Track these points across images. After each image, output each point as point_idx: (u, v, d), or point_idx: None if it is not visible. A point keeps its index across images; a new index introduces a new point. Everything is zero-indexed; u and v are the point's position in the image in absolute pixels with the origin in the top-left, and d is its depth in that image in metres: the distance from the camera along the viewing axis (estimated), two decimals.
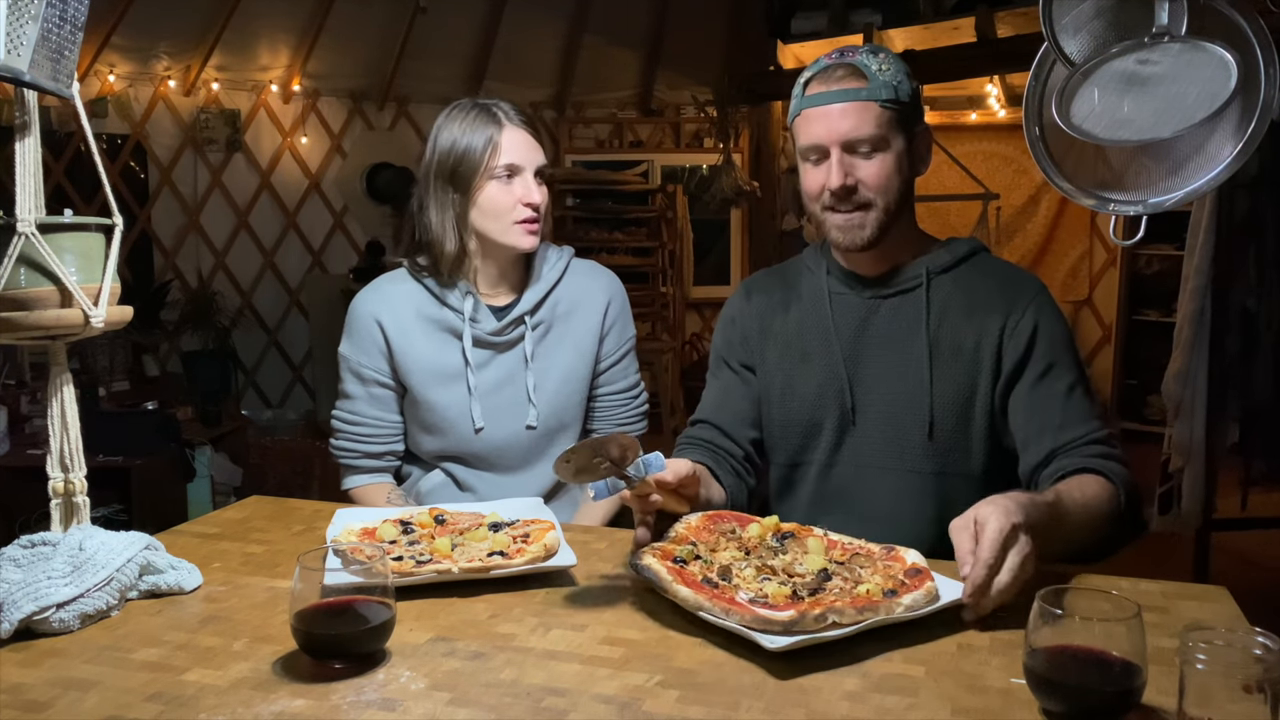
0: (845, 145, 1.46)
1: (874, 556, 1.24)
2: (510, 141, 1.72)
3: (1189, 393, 3.51)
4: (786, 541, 1.29)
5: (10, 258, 1.15)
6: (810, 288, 1.63)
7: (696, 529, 1.28)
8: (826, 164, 1.48)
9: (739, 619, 1.04)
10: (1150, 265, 6.06)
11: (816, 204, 1.52)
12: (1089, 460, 1.41)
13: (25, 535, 1.22)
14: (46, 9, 1.13)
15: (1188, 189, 1.20)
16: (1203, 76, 1.15)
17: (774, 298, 1.67)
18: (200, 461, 4.09)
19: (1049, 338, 1.49)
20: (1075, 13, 1.24)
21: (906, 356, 1.53)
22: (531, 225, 1.74)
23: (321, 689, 0.99)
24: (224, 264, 5.99)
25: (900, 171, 1.50)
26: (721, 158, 5.64)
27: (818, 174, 1.50)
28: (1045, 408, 1.47)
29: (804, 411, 1.59)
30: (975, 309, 1.52)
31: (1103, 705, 0.91)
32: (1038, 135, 1.27)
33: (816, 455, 1.59)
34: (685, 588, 1.11)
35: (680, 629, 1.10)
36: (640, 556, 1.19)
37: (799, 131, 1.52)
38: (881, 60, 1.47)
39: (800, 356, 1.61)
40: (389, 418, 1.83)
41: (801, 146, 1.51)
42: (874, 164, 1.47)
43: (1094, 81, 1.21)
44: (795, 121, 1.53)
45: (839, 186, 1.47)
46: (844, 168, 1.47)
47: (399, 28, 5.88)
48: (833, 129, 1.46)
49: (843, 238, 1.51)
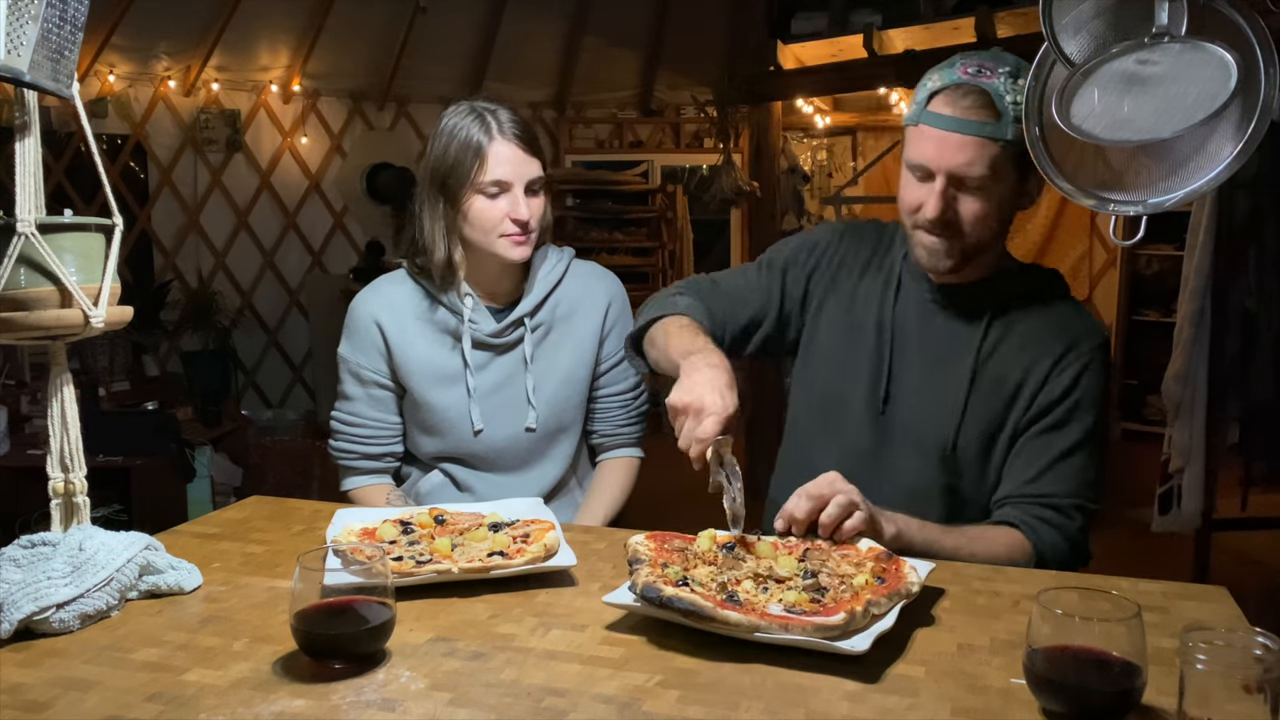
0: (953, 178, 1.40)
1: (827, 550, 1.25)
2: (497, 157, 1.68)
3: (1189, 393, 3.52)
4: (735, 550, 1.26)
5: (10, 258, 1.15)
6: (887, 264, 1.60)
7: (655, 549, 1.23)
8: (929, 187, 1.42)
9: (802, 632, 1.03)
10: (1150, 265, 6.06)
11: (908, 218, 1.48)
12: (1028, 519, 1.42)
13: (25, 535, 1.21)
14: (46, 9, 1.13)
15: (1188, 189, 1.20)
16: (1203, 76, 1.15)
17: (860, 257, 1.63)
18: (200, 461, 4.08)
19: (1082, 393, 1.46)
20: (1075, 13, 1.24)
21: (949, 373, 1.51)
22: (519, 238, 1.71)
23: (321, 689, 0.99)
24: (224, 264, 5.99)
25: (1003, 209, 1.45)
26: (721, 158, 5.64)
27: (917, 191, 1.45)
28: (1034, 457, 1.46)
29: (835, 381, 1.58)
30: (1029, 346, 1.49)
31: (1103, 705, 0.91)
32: (1038, 135, 1.27)
33: (833, 437, 1.57)
34: (733, 612, 1.06)
35: (680, 629, 1.10)
36: (657, 589, 1.08)
37: (910, 140, 1.46)
38: (1018, 89, 1.37)
39: (853, 326, 1.58)
40: (388, 419, 1.83)
41: (908, 157, 1.45)
42: (978, 202, 1.41)
43: (1094, 81, 1.21)
44: (909, 130, 1.46)
45: (936, 217, 1.42)
46: (946, 200, 1.41)
47: (399, 28, 5.89)
48: (945, 158, 1.40)
49: (925, 258, 1.48)
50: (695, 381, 1.33)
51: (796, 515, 1.27)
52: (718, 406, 1.29)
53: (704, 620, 1.05)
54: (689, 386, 1.32)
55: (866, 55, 5.03)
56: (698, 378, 1.33)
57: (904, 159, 1.47)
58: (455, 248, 1.75)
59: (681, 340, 1.47)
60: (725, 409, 1.30)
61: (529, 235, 1.72)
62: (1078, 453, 1.45)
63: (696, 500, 1.50)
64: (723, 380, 1.33)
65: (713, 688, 0.99)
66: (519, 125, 1.72)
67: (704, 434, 1.28)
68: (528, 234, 1.72)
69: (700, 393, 1.30)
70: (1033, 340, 1.49)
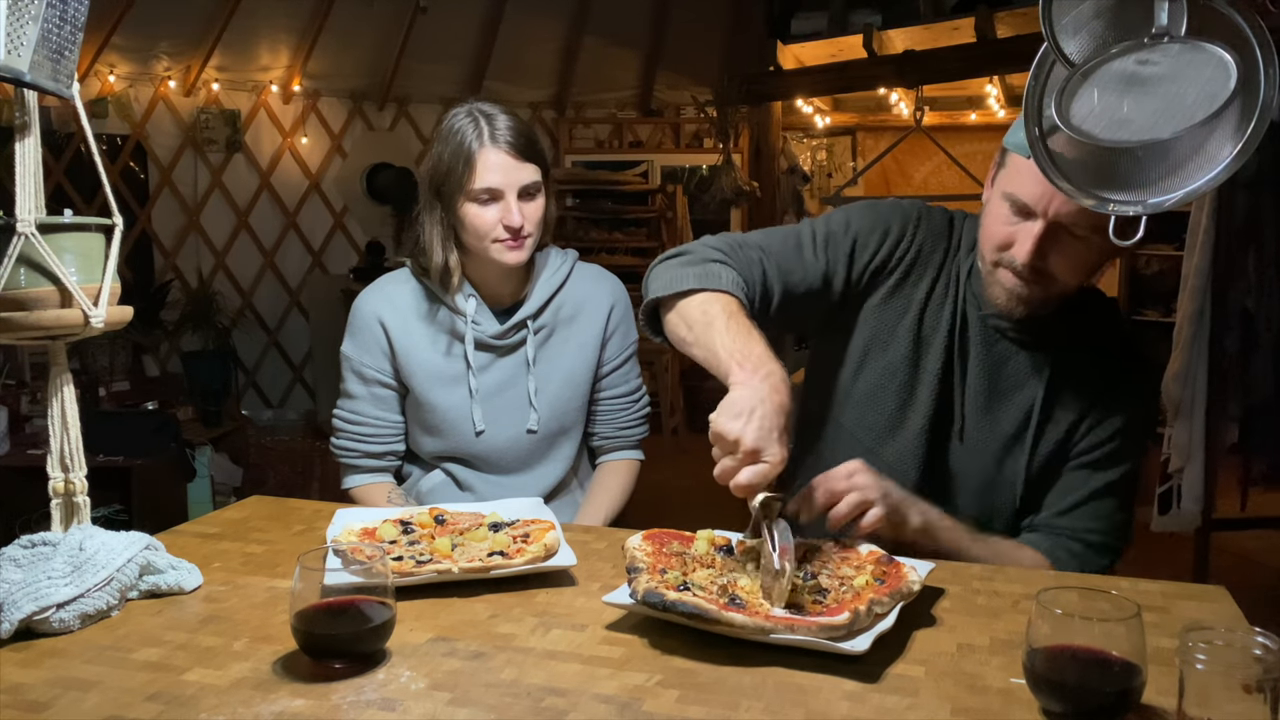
0: (1055, 223, 1.28)
1: (828, 553, 1.25)
2: (486, 165, 1.67)
3: (1189, 393, 3.51)
4: (731, 555, 1.25)
5: (10, 258, 1.15)
6: (954, 273, 1.46)
7: (653, 554, 1.22)
8: (1025, 226, 1.30)
9: (807, 633, 1.03)
10: (1150, 265, 6.06)
11: (992, 253, 1.35)
12: (1055, 549, 1.38)
13: (25, 535, 1.21)
14: (47, 9, 1.13)
15: (1188, 189, 1.20)
16: (1202, 77, 1.15)
17: (934, 259, 1.47)
18: (200, 461, 4.09)
19: (1130, 436, 1.41)
20: (1075, 13, 1.24)
21: (1014, 405, 1.44)
22: (512, 243, 1.70)
23: (321, 689, 0.99)
24: (224, 264, 5.99)
25: (1096, 260, 1.33)
26: (721, 158, 5.65)
27: (1010, 230, 1.32)
28: (1071, 489, 1.42)
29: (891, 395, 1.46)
30: (1089, 381, 1.42)
31: (1102, 705, 0.91)
32: (1038, 135, 1.27)
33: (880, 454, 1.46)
34: (737, 614, 1.05)
35: (680, 629, 1.10)
36: (660, 594, 1.07)
37: (1013, 170, 1.32)
38: None
39: (921, 340, 1.46)
40: (390, 418, 1.83)
41: (1007, 189, 1.31)
42: (1077, 251, 1.29)
43: (1094, 82, 1.21)
44: (1014, 157, 1.31)
45: (1028, 262, 1.30)
46: (1042, 247, 1.29)
47: (399, 28, 5.88)
48: (1052, 203, 1.27)
49: (1003, 299, 1.36)
50: (751, 408, 1.15)
51: (809, 504, 1.26)
52: (773, 454, 1.14)
53: (708, 623, 1.05)
54: (743, 412, 1.15)
55: (866, 55, 5.04)
56: (754, 401, 1.16)
57: (999, 186, 1.34)
58: (451, 252, 1.75)
59: (734, 337, 1.27)
60: (780, 456, 1.14)
61: (523, 240, 1.71)
62: (1115, 494, 1.41)
63: (696, 500, 1.49)
64: (782, 417, 1.17)
65: (713, 688, 0.99)
66: (513, 131, 1.70)
67: (751, 481, 1.14)
68: (521, 239, 1.71)
69: (754, 429, 1.13)
70: (1094, 375, 1.42)
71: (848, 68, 5.17)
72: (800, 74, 5.43)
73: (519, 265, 1.74)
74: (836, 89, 5.87)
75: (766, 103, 5.56)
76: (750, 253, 1.44)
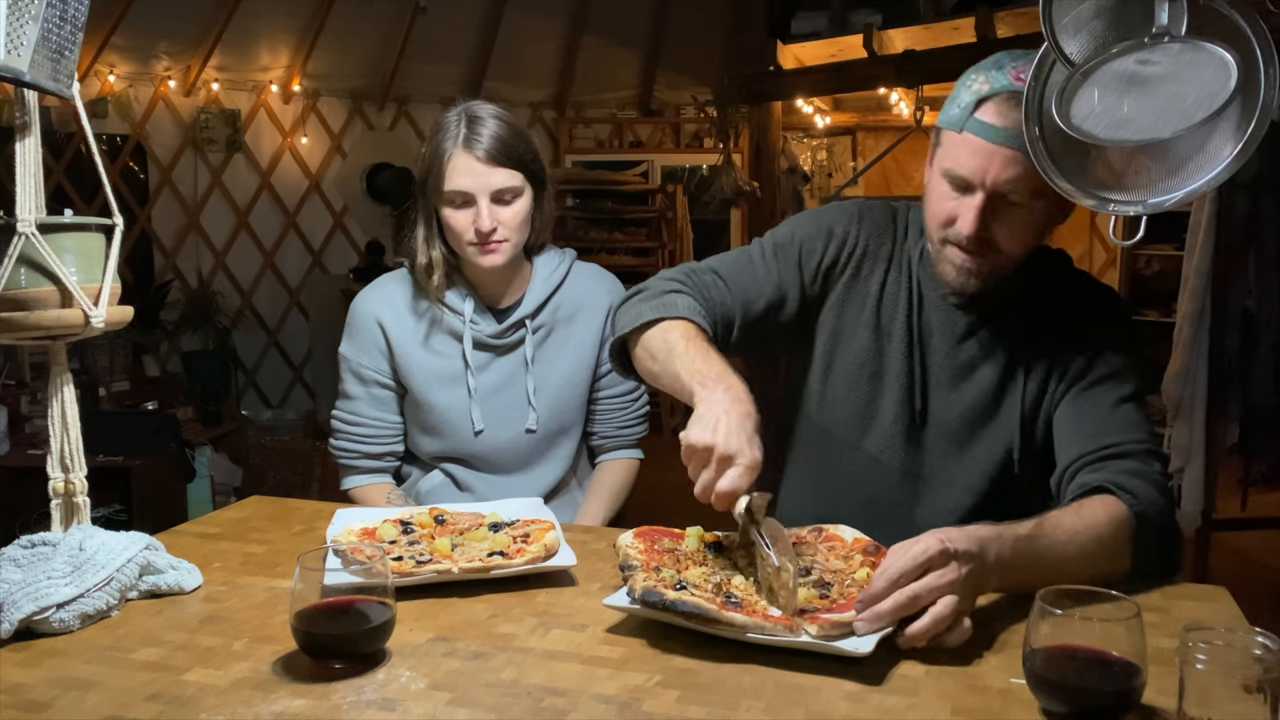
0: (995, 193, 1.30)
1: (811, 543, 1.25)
2: (456, 169, 1.67)
3: (1189, 393, 3.51)
4: (722, 552, 1.25)
5: (10, 258, 1.15)
6: (904, 259, 1.49)
7: (645, 551, 1.21)
8: (966, 200, 1.33)
9: (819, 629, 1.03)
10: (1150, 265, 6.06)
11: (937, 230, 1.38)
12: (1114, 476, 1.28)
13: (25, 535, 1.22)
14: (46, 9, 1.13)
15: (1188, 189, 1.20)
16: (1203, 76, 1.15)
17: (882, 250, 1.50)
18: (200, 461, 4.09)
19: (1121, 356, 1.39)
20: (1075, 13, 1.24)
21: (985, 378, 1.44)
22: (485, 247, 1.70)
23: (321, 689, 0.99)
24: (224, 264, 5.99)
25: (1042, 226, 1.36)
26: (721, 158, 5.64)
27: (951, 204, 1.34)
28: (1086, 410, 1.37)
29: (863, 390, 1.48)
30: (1059, 325, 1.42)
31: (1102, 705, 0.91)
32: (1037, 135, 1.27)
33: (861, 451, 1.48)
34: (736, 614, 1.05)
35: (680, 629, 1.10)
36: (659, 594, 1.07)
37: (947, 145, 1.34)
38: None
39: (881, 330, 1.48)
40: (389, 418, 1.83)
41: (945, 165, 1.34)
42: (1019, 220, 1.32)
43: (1094, 81, 1.21)
44: (948, 134, 1.34)
45: (972, 234, 1.32)
46: (984, 218, 1.31)
47: (399, 28, 5.89)
48: (989, 173, 1.30)
49: (953, 276, 1.39)
50: (716, 418, 1.16)
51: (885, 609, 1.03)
52: (746, 456, 1.14)
53: (707, 623, 1.05)
54: (709, 423, 1.16)
55: (866, 55, 5.03)
56: (718, 412, 1.17)
57: (938, 165, 1.37)
58: (434, 250, 1.75)
59: (693, 359, 1.30)
60: (754, 458, 1.14)
61: (497, 245, 1.70)
62: (1132, 402, 1.36)
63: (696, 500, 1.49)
64: (749, 422, 1.18)
65: (713, 688, 0.99)
66: (491, 136, 1.68)
67: (731, 487, 1.13)
68: (494, 243, 1.70)
69: (724, 435, 1.14)
70: (1063, 319, 1.42)
71: (848, 68, 5.17)
72: (800, 74, 5.43)
73: (495, 268, 1.74)
74: (836, 89, 5.87)
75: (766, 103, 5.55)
76: (705, 277, 1.48)
